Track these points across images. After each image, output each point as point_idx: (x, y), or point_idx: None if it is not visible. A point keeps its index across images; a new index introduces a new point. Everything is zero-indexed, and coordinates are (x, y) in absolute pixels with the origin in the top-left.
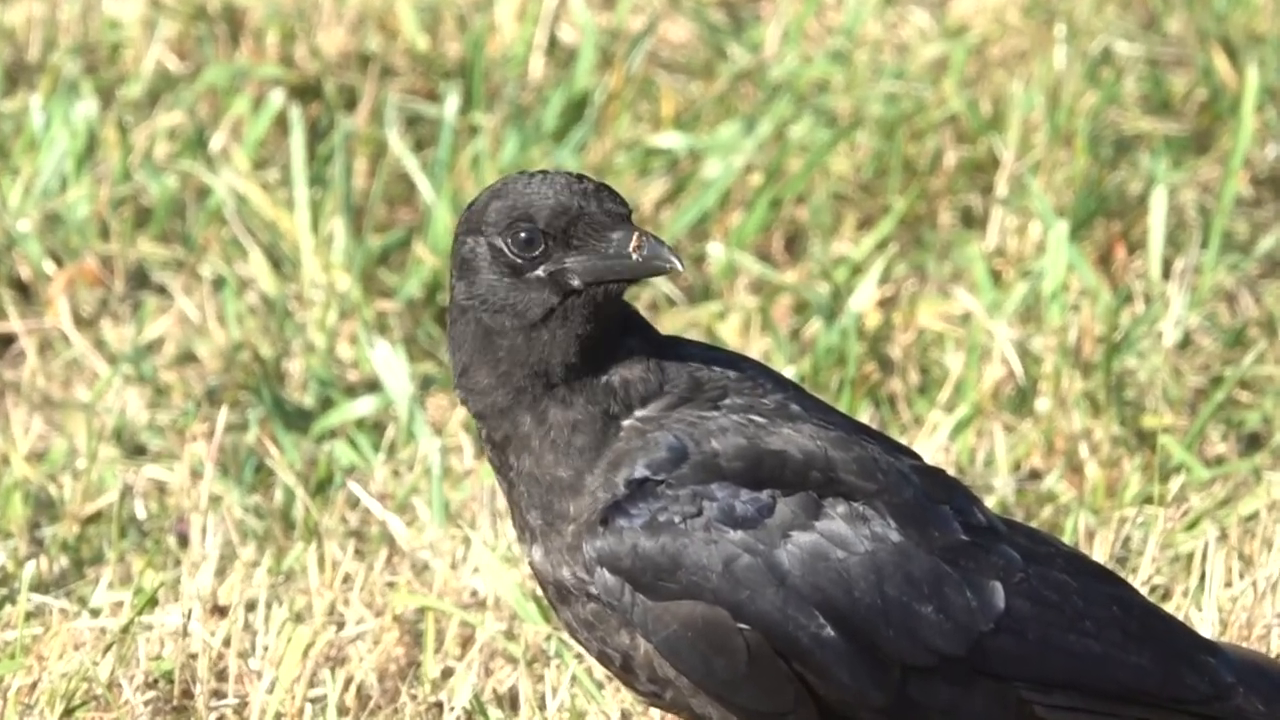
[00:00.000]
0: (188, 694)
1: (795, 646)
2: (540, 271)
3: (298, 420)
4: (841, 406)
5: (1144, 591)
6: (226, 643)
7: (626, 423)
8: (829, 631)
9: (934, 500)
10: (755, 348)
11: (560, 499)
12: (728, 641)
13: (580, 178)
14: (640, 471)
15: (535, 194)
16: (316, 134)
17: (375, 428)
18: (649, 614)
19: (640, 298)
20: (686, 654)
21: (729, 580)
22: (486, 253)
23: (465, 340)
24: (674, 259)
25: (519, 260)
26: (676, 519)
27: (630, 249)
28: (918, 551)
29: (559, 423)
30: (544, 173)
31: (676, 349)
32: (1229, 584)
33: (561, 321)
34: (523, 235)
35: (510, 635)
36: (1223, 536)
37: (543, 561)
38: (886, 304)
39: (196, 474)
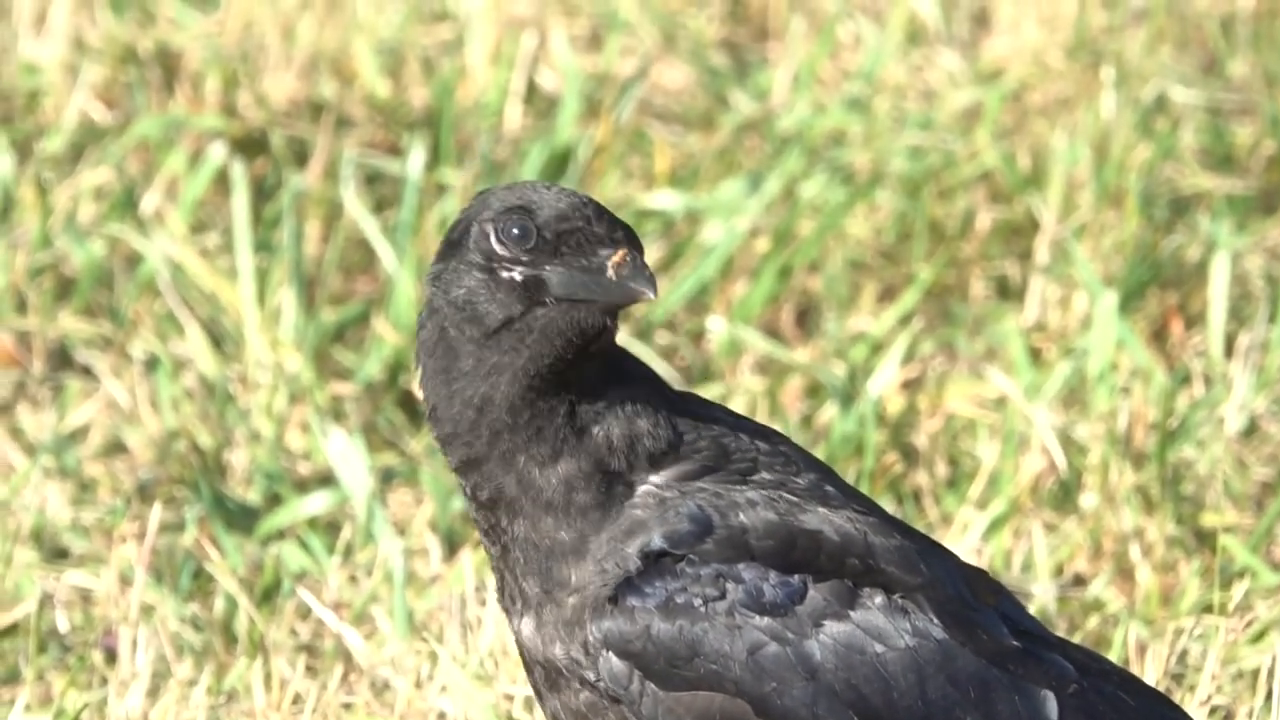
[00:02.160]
0: None
1: None
2: (516, 273)
3: (241, 519)
4: None
5: (1204, 713)
6: None
7: (642, 488)
8: None
9: (980, 601)
10: None
11: (561, 564)
12: None
13: (598, 204)
14: (658, 543)
15: (544, 196)
16: (262, 193)
17: (329, 527)
18: (660, 705)
19: None
20: None
21: (753, 671)
22: (474, 239)
23: (430, 353)
24: (648, 286)
25: (501, 253)
26: (697, 601)
27: (610, 263)
28: (963, 652)
29: (550, 484)
30: (563, 188)
31: (695, 408)
32: None
33: (516, 340)
34: (515, 230)
35: None
36: None
37: (532, 636)
38: (910, 386)
39: (126, 580)
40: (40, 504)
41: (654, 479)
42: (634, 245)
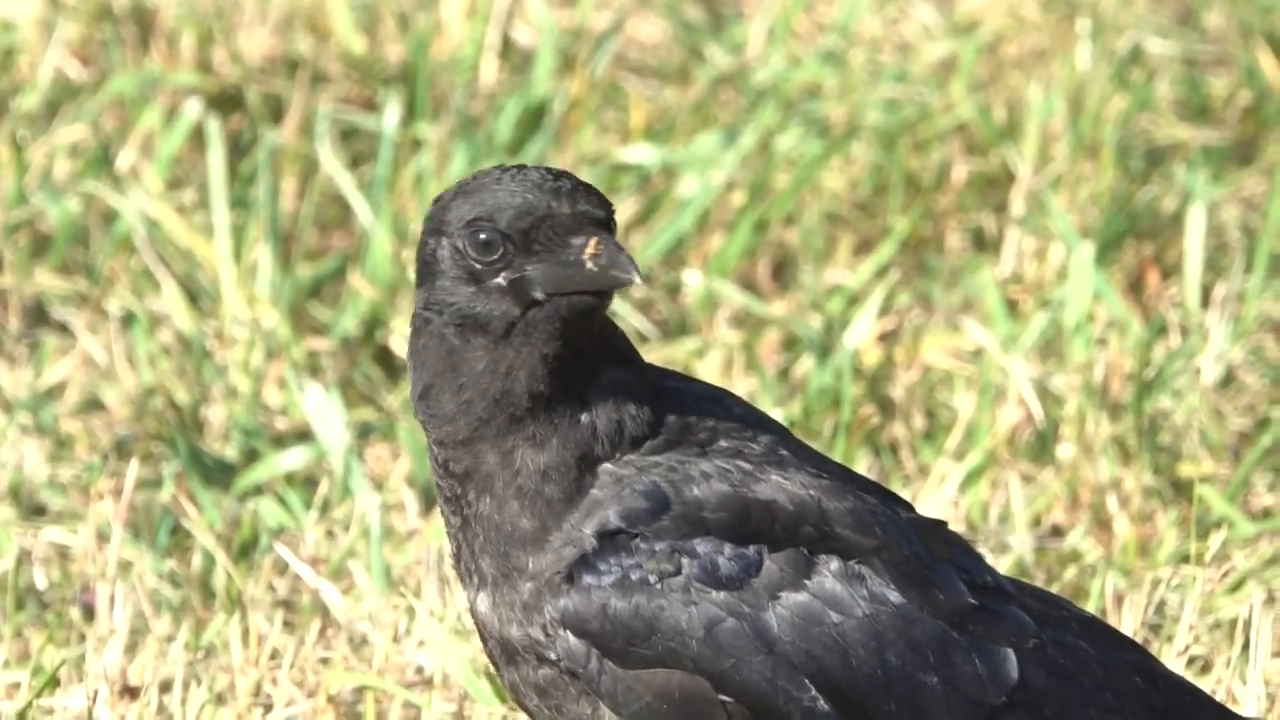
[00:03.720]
0: None
1: None
2: (501, 279)
3: (218, 475)
4: (836, 455)
5: (1181, 662)
6: None
7: (602, 467)
8: (823, 705)
9: (936, 557)
10: (739, 389)
11: (519, 551)
12: (708, 715)
13: (559, 175)
14: (614, 522)
15: (502, 192)
16: (238, 149)
17: (306, 483)
18: (619, 684)
19: None
20: None
21: (711, 647)
22: (448, 255)
23: (428, 357)
24: (630, 269)
25: (478, 266)
26: (652, 577)
27: (585, 255)
28: (921, 615)
29: (529, 469)
30: (520, 167)
31: (659, 379)
32: (1278, 654)
33: (525, 338)
34: (481, 237)
35: (460, 718)
36: (1270, 600)
37: (489, 613)
38: (887, 339)
39: (103, 537)
40: (17, 461)
41: (621, 457)
42: (603, 210)
